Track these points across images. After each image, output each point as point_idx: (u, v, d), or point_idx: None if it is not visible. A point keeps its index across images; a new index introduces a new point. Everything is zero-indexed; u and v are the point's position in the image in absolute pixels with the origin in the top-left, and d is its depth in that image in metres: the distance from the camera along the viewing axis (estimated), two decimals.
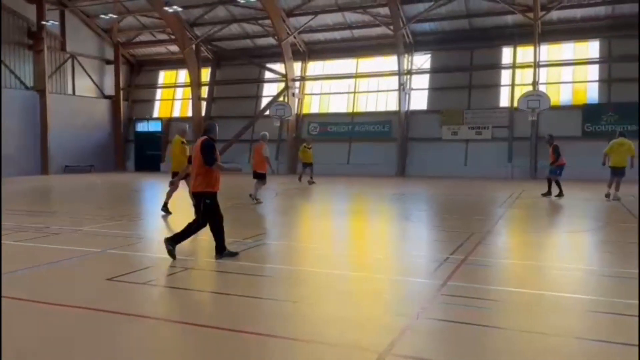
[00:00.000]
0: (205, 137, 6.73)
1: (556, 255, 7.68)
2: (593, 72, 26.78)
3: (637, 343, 3.82)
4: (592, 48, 26.82)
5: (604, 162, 15.44)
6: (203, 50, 33.01)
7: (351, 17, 28.84)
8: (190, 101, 33.05)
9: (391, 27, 27.39)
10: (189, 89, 33.34)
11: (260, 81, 33.30)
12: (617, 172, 14.96)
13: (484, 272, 6.17)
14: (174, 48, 33.28)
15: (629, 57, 25.40)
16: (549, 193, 15.77)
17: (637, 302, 4.89)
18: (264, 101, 32.54)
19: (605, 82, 26.05)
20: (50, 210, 13.58)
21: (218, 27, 31.12)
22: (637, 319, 4.38)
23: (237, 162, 28.34)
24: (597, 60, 26.48)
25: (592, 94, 26.65)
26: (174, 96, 35.89)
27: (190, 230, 6.66)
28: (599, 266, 6.83)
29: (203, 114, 33.21)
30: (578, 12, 25.95)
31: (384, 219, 12.00)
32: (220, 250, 6.73)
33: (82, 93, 32.69)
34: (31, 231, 8.88)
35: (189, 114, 33.48)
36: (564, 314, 4.60)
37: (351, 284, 5.81)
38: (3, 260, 6.75)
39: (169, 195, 11.42)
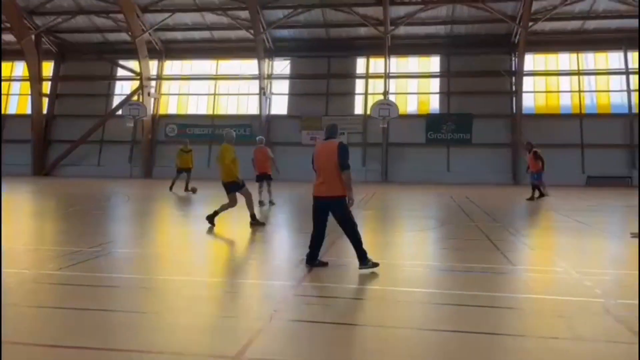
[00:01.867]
0: (336, 140, 6.53)
1: (401, 253, 8.25)
2: (435, 85, 29.52)
3: (461, 329, 4.23)
4: (433, 63, 29.55)
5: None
6: (45, 41, 30.08)
7: (211, 17, 28.39)
8: (30, 97, 29.87)
9: (251, 31, 27.48)
10: (27, 84, 30.10)
11: (112, 78, 31.29)
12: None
13: (336, 272, 6.41)
14: (9, 37, 29.82)
15: (464, 73, 28.43)
16: (532, 198, 16.05)
17: (463, 292, 5.43)
18: (116, 100, 30.63)
19: (445, 94, 28.84)
20: None
21: (62, 18, 28.58)
22: (465, 308, 4.87)
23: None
24: (438, 74, 29.24)
25: (434, 104, 29.36)
26: (9, 91, 32.20)
27: (357, 239, 6.29)
28: (438, 262, 7.47)
29: (45, 111, 30.25)
30: (422, 30, 28.41)
31: (241, 223, 11.91)
32: (362, 256, 6.25)
33: None
34: None
35: (28, 111, 30.30)
36: (409, 307, 4.94)
37: (203, 290, 5.65)
38: None
39: (224, 208, 10.17)
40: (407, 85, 29.79)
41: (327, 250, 7.55)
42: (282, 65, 30.18)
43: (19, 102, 31.84)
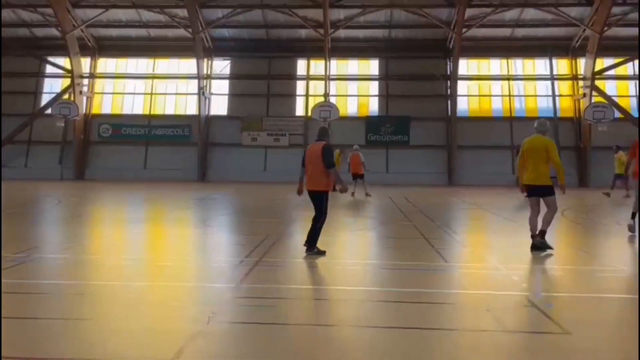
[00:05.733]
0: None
1: (342, 252, 8.35)
2: (374, 87, 30.06)
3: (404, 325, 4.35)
4: (373, 66, 30.09)
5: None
6: None
7: (147, 15, 27.62)
8: None
9: (189, 29, 26.97)
10: None
11: (40, 75, 29.74)
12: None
13: (276, 272, 6.41)
14: None
15: (402, 76, 29.13)
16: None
17: (399, 289, 5.58)
18: (46, 98, 29.15)
19: (384, 97, 29.43)
20: None
21: None
22: (401, 304, 5.00)
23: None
24: (377, 77, 29.79)
25: (373, 107, 29.89)
26: None
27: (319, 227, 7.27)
28: (377, 260, 7.63)
29: None
30: (361, 33, 28.86)
31: (181, 225, 11.67)
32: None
33: None
34: None
35: None
36: (348, 305, 5.02)
37: (139, 295, 5.49)
38: None
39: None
40: (347, 87, 30.18)
41: (268, 250, 7.55)
42: (221, 65, 29.79)
43: None
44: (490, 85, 30.02)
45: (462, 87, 29.16)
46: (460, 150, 27.83)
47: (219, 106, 29.71)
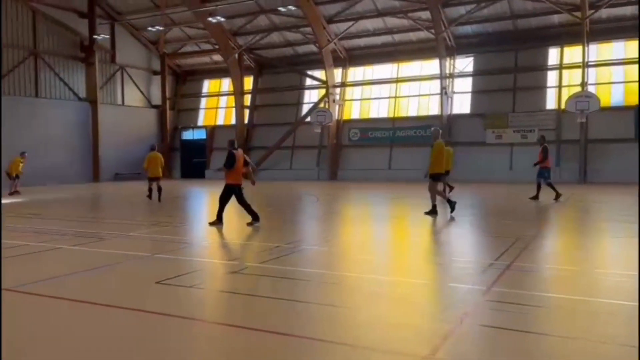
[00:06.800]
0: None
1: (606, 260, 7.42)
2: None
3: None
4: None
5: None
6: (245, 59, 33.61)
7: (392, 21, 28.77)
8: (234, 109, 33.66)
9: (432, 30, 27.18)
10: (232, 97, 33.98)
11: (301, 88, 33.60)
12: None
13: (529, 278, 6.05)
14: (217, 57, 34.05)
15: None
16: (536, 197, 15.16)
17: None
18: (305, 108, 32.81)
19: None
20: (100, 216, 14.13)
21: (260, 36, 31.65)
22: None
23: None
24: None
25: None
26: (217, 104, 36.65)
27: None
28: None
29: (246, 122, 33.78)
30: (628, 10, 25.02)
31: (424, 224, 11.87)
32: None
33: (131, 103, 33.87)
34: (83, 237, 9.27)
35: (233, 121, 34.11)
36: (609, 321, 4.46)
37: (393, 289, 5.80)
38: (59, 263, 7.09)
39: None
40: (611, 73, 26.48)
41: (518, 256, 7.16)
42: (464, 63, 29.24)
43: (225, 114, 36.13)
44: None
45: None
46: None
47: (461, 104, 29.23)
